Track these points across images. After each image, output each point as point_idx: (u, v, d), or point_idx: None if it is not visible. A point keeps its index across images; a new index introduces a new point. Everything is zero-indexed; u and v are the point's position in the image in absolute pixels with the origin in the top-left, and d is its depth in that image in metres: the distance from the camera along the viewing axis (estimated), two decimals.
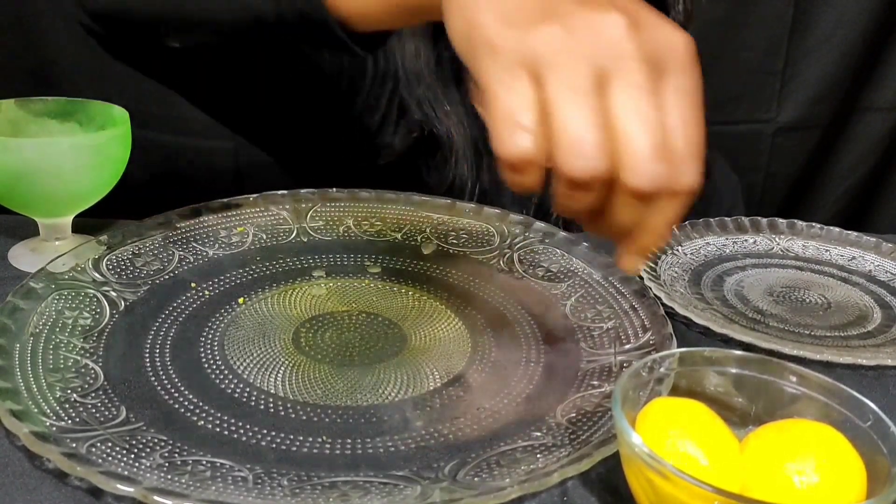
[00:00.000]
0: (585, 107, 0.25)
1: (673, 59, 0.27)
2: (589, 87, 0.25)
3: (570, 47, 0.26)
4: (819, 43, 0.87)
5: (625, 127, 0.26)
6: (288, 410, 0.34)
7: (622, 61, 0.26)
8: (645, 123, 0.26)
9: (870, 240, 0.55)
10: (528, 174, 0.26)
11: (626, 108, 0.26)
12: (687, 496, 0.25)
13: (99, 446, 0.30)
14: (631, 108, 0.26)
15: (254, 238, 0.48)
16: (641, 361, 0.30)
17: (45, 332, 0.37)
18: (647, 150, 0.26)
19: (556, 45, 0.26)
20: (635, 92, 0.26)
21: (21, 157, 0.41)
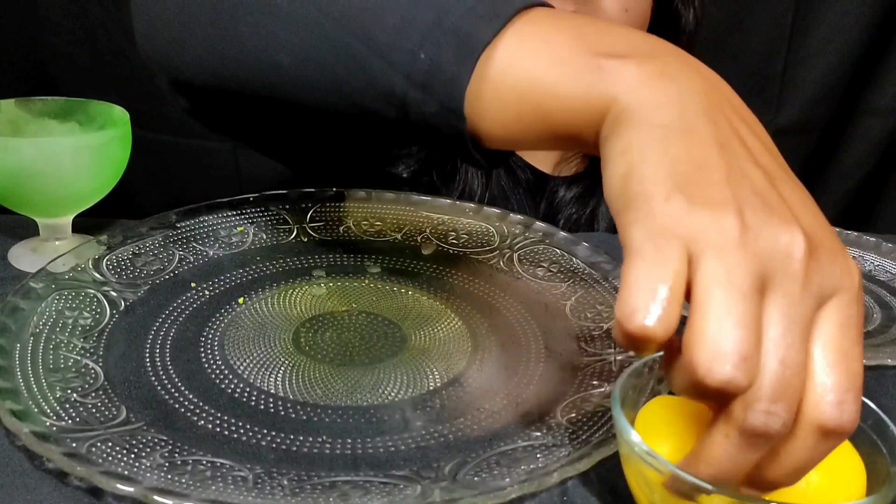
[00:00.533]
0: (741, 308, 0.22)
1: (840, 288, 0.24)
2: (749, 289, 0.22)
3: (741, 244, 0.22)
4: (819, 46, 0.88)
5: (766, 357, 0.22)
6: (288, 410, 0.34)
7: (788, 281, 0.23)
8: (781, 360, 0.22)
9: (870, 240, 0.55)
10: (643, 350, 0.23)
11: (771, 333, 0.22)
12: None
13: (99, 446, 0.30)
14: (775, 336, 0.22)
15: (254, 238, 0.48)
16: (641, 361, 0.30)
17: (45, 332, 0.37)
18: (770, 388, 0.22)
19: (726, 237, 0.22)
20: (786, 321, 0.22)
21: (21, 157, 0.41)
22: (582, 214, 0.65)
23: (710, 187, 0.23)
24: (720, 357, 0.22)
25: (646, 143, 0.25)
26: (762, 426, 0.22)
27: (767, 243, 0.23)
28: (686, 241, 0.23)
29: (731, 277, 0.22)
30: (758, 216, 0.23)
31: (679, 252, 0.23)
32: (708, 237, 0.23)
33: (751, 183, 0.24)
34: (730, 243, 0.22)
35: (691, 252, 0.23)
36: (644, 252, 0.23)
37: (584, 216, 0.65)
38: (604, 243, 0.49)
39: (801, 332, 0.23)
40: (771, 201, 0.24)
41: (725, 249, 0.22)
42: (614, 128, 0.26)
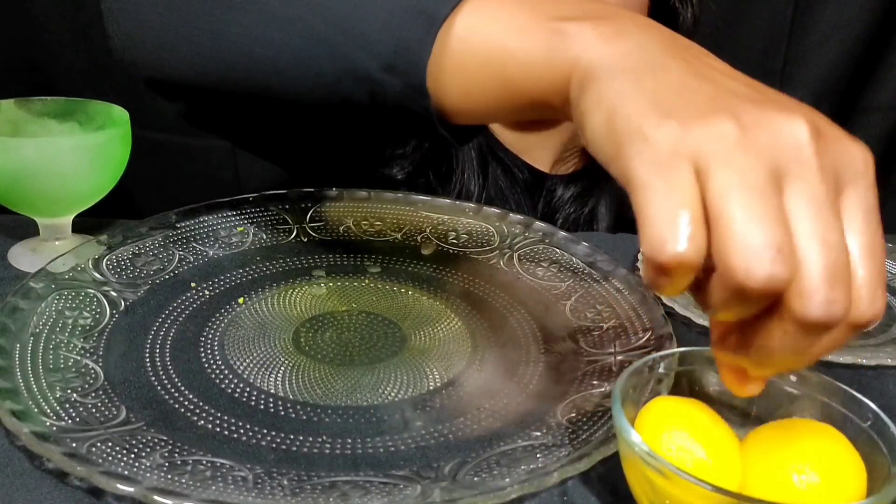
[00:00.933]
0: (762, 204, 0.21)
1: (854, 173, 0.23)
2: (764, 185, 0.22)
3: (744, 144, 0.22)
4: (819, 42, 0.87)
5: (800, 243, 0.22)
6: (288, 410, 0.34)
7: (802, 167, 0.22)
8: (823, 242, 0.22)
9: None
10: (679, 278, 0.22)
11: (803, 220, 0.22)
12: (687, 495, 0.25)
13: (99, 446, 0.30)
14: (808, 221, 0.22)
15: (254, 238, 0.48)
16: (641, 361, 0.30)
17: (45, 332, 0.37)
18: (823, 273, 0.21)
19: (727, 141, 0.22)
20: (814, 205, 0.22)
21: (21, 157, 0.41)
22: (581, 213, 0.65)
23: (696, 106, 0.23)
24: (755, 255, 0.21)
25: (619, 86, 0.25)
26: (825, 315, 0.22)
27: (770, 136, 0.22)
28: (690, 159, 0.22)
29: (743, 178, 0.22)
30: (753, 115, 0.23)
31: (687, 172, 0.22)
32: (710, 148, 0.22)
33: (736, 94, 0.24)
34: (733, 147, 0.22)
35: (698, 168, 0.22)
36: (652, 183, 0.22)
37: (583, 215, 0.65)
38: (604, 243, 0.49)
39: (831, 213, 0.22)
40: (762, 100, 0.24)
41: (730, 154, 0.22)
42: (582, 87, 0.26)
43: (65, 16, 0.81)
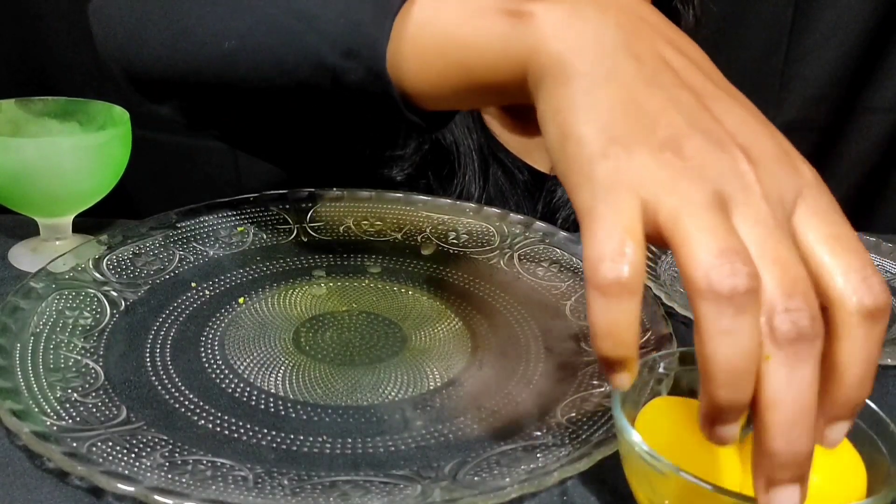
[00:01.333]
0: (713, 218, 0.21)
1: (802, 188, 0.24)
2: (711, 206, 0.22)
3: (687, 173, 0.22)
4: (819, 43, 0.87)
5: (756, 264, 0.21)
6: (288, 410, 0.34)
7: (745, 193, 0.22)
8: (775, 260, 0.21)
9: (869, 239, 0.55)
10: (624, 302, 0.22)
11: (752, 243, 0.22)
12: (687, 495, 0.25)
13: (100, 446, 0.30)
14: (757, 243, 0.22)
15: (254, 238, 0.48)
16: (641, 361, 0.30)
17: (45, 332, 0.37)
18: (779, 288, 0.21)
19: (670, 170, 0.22)
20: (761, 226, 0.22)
21: (21, 157, 0.41)
22: None
23: (643, 128, 0.23)
24: (714, 265, 0.21)
25: (573, 99, 0.25)
26: (791, 326, 0.21)
27: (712, 168, 0.23)
28: (635, 189, 0.23)
29: (690, 201, 0.22)
30: (695, 144, 0.23)
31: (630, 200, 0.22)
32: (655, 178, 0.22)
33: (683, 111, 0.24)
34: (677, 176, 0.22)
35: (644, 199, 0.22)
36: (595, 211, 0.23)
37: None
38: None
39: (780, 233, 0.22)
40: (706, 125, 0.24)
41: (674, 182, 0.22)
42: (540, 84, 0.26)
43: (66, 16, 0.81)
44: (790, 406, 0.21)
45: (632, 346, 0.23)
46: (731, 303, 0.21)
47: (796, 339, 0.21)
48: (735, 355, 0.21)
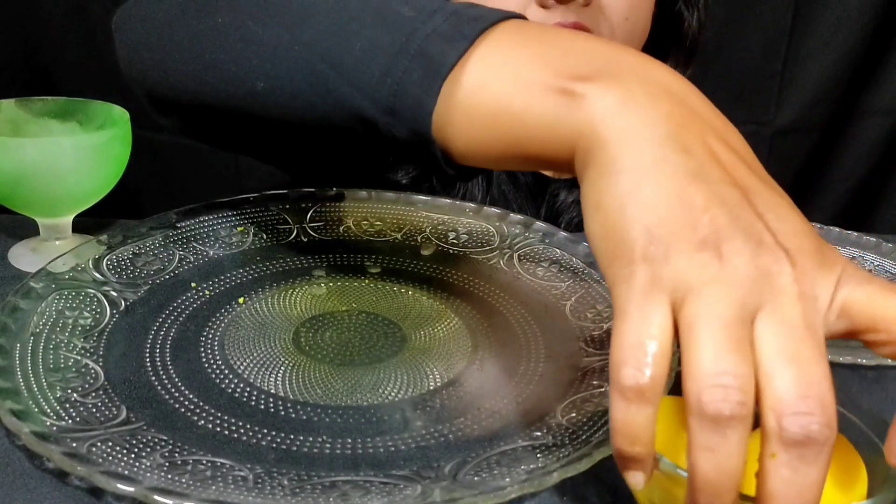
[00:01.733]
0: (724, 334, 0.22)
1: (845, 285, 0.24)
2: (733, 316, 0.22)
3: (720, 277, 0.22)
4: (818, 45, 0.88)
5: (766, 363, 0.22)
6: (288, 410, 0.34)
7: (777, 294, 0.23)
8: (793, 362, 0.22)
9: (870, 240, 0.55)
10: (641, 408, 0.23)
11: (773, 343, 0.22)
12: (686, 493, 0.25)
13: (99, 446, 0.30)
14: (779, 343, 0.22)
15: (254, 238, 0.48)
16: None
17: (45, 332, 0.37)
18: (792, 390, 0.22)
19: (705, 274, 0.23)
20: (786, 327, 0.22)
21: (21, 157, 0.41)
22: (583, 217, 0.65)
23: (685, 226, 0.23)
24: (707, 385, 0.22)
25: (618, 194, 0.25)
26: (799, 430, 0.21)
27: (748, 272, 0.23)
28: (669, 292, 0.23)
29: (711, 311, 0.22)
30: (735, 246, 0.23)
31: (662, 305, 0.23)
32: (688, 281, 0.23)
33: (728, 208, 0.24)
34: (709, 281, 0.23)
35: (675, 301, 0.23)
36: (627, 313, 0.23)
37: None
38: None
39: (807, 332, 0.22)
40: (749, 223, 0.24)
41: (705, 287, 0.23)
42: (586, 169, 0.26)
43: (68, 17, 0.81)
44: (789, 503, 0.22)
45: (647, 445, 0.23)
46: (716, 424, 0.22)
47: (803, 442, 0.21)
48: (713, 470, 0.22)
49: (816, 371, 0.22)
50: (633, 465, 0.24)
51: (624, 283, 0.24)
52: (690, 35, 0.63)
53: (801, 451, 0.22)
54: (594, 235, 0.25)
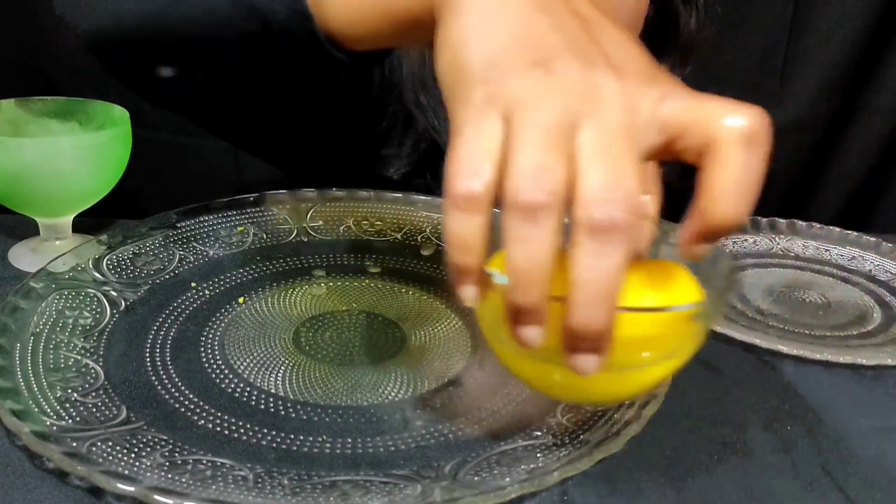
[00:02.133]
0: (544, 136, 0.23)
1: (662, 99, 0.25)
2: (555, 122, 0.24)
3: (547, 89, 0.24)
4: (818, 43, 0.87)
5: (582, 163, 0.24)
6: (288, 410, 0.34)
7: (600, 104, 0.24)
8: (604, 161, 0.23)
9: (870, 240, 0.55)
10: (473, 216, 0.24)
11: (589, 145, 0.24)
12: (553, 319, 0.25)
13: (99, 445, 0.30)
14: (594, 146, 0.24)
15: (254, 238, 0.48)
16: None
17: (45, 332, 0.37)
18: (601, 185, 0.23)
19: (533, 88, 0.24)
20: (604, 132, 0.24)
21: (21, 157, 0.41)
22: None
23: (522, 50, 0.25)
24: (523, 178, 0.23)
25: (464, 27, 0.26)
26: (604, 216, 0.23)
27: (575, 84, 0.24)
28: (502, 108, 0.24)
29: (536, 118, 0.24)
30: (566, 63, 0.25)
31: (495, 120, 0.24)
32: (518, 95, 0.24)
33: (563, 32, 0.25)
34: (538, 93, 0.24)
35: (506, 115, 0.24)
36: (462, 131, 0.25)
37: None
38: None
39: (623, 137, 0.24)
40: (582, 46, 0.25)
41: (533, 98, 0.24)
42: (441, 14, 0.28)
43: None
44: (590, 289, 0.23)
45: (477, 255, 0.25)
46: (529, 214, 0.23)
47: (605, 228, 0.23)
48: (526, 260, 0.23)
49: (625, 169, 0.23)
50: (465, 278, 0.25)
51: (461, 105, 0.25)
52: (687, 34, 0.63)
53: (602, 238, 0.23)
54: (441, 72, 0.27)
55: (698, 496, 0.31)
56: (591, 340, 0.24)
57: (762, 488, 0.32)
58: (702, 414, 0.36)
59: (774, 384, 0.39)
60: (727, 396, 0.38)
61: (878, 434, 0.35)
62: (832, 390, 0.39)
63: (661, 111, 0.25)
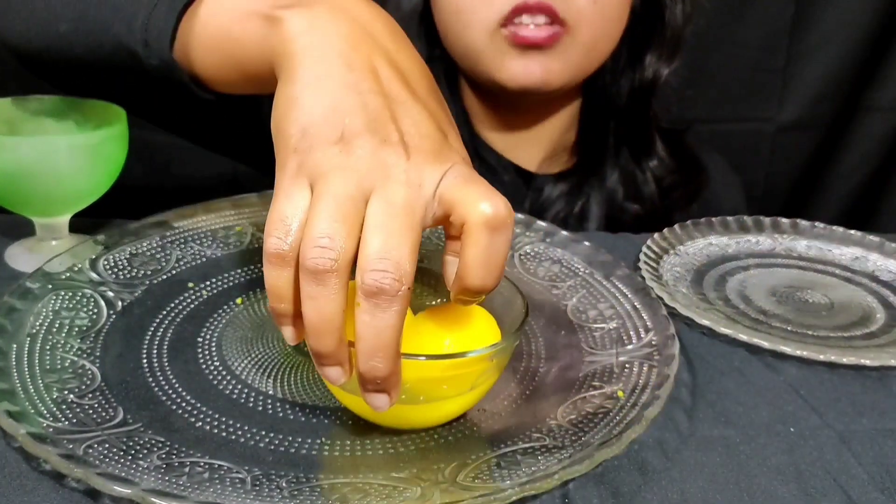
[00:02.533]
0: (335, 207, 0.27)
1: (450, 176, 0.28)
2: (346, 195, 0.27)
3: (344, 165, 0.28)
4: (821, 41, 0.87)
5: (366, 233, 0.27)
6: (287, 412, 0.34)
7: (388, 180, 0.28)
8: (383, 231, 0.27)
9: (873, 239, 0.55)
10: (282, 271, 0.28)
11: (373, 217, 0.27)
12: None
13: (96, 447, 0.30)
14: (378, 218, 0.27)
15: (252, 238, 0.47)
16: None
17: (41, 333, 0.37)
18: (375, 254, 0.26)
19: (331, 162, 0.28)
20: (388, 206, 0.27)
21: (17, 157, 0.41)
22: (570, 212, 0.64)
23: (330, 128, 0.28)
24: (307, 245, 0.27)
25: (289, 97, 0.30)
26: (372, 284, 0.26)
27: (369, 163, 0.28)
28: (308, 177, 0.28)
29: (330, 190, 0.27)
30: (364, 143, 0.28)
31: (303, 188, 0.28)
32: (321, 168, 0.28)
33: (366, 112, 0.29)
34: (336, 169, 0.27)
35: (312, 185, 0.28)
36: (278, 193, 0.28)
37: (572, 214, 0.64)
38: (605, 243, 0.49)
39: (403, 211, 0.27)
40: (382, 127, 0.28)
41: (332, 174, 0.27)
42: (279, 78, 0.31)
43: None
44: (369, 342, 0.27)
45: (289, 302, 0.28)
46: (315, 277, 0.27)
47: (376, 292, 0.26)
48: (315, 315, 0.27)
49: (400, 240, 0.27)
50: (282, 321, 0.29)
51: (280, 170, 0.29)
52: (674, 27, 0.62)
53: (375, 300, 0.27)
54: (272, 129, 0.30)
55: (700, 499, 0.31)
56: (378, 383, 0.28)
57: (765, 491, 0.31)
58: (704, 416, 0.36)
59: (777, 385, 0.39)
60: (729, 398, 0.37)
61: (881, 435, 0.35)
62: (835, 391, 0.38)
63: (440, 187, 0.28)
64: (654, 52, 0.63)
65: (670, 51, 0.63)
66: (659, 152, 0.66)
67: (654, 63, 0.63)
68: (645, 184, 0.65)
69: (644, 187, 0.65)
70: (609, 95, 0.65)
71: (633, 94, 0.64)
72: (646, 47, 0.63)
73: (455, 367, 0.30)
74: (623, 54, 0.63)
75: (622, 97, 0.64)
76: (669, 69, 0.63)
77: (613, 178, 0.65)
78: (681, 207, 0.66)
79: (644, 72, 0.63)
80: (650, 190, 0.65)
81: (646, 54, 0.63)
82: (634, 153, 0.66)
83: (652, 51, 0.63)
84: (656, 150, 0.66)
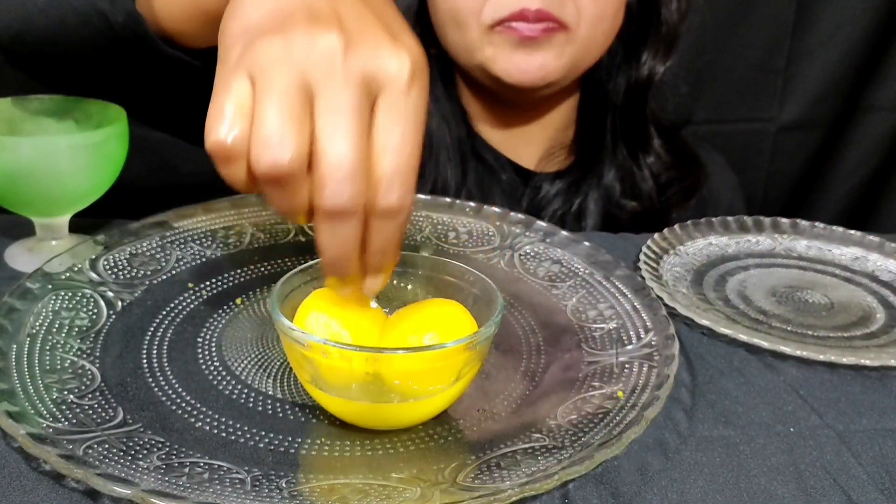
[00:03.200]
0: (284, 105, 0.26)
1: (388, 81, 0.28)
2: (292, 91, 0.27)
3: (283, 57, 0.27)
4: (821, 41, 0.87)
5: (316, 144, 0.26)
6: (286, 412, 0.34)
7: (330, 79, 0.27)
8: (343, 142, 0.26)
9: (873, 239, 0.55)
10: (231, 166, 0.28)
11: (325, 126, 0.27)
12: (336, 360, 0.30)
13: (96, 448, 0.30)
14: (329, 126, 0.26)
15: (252, 238, 0.47)
16: (297, 269, 0.35)
17: (41, 333, 0.37)
18: (339, 169, 0.26)
19: (272, 55, 0.27)
20: (337, 113, 0.27)
21: (17, 156, 0.41)
22: (567, 210, 0.64)
23: (270, 22, 0.28)
24: (264, 143, 0.26)
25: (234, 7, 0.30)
26: (333, 204, 0.26)
27: (306, 50, 0.27)
28: (248, 72, 0.27)
29: (272, 83, 0.27)
30: (300, 30, 0.27)
31: (241, 80, 0.27)
32: (259, 62, 0.27)
33: (312, 12, 0.28)
34: (274, 60, 0.27)
35: (252, 79, 0.27)
36: (216, 90, 0.28)
37: (569, 212, 0.64)
38: (605, 243, 0.49)
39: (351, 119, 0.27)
40: (321, 17, 0.28)
41: (270, 65, 0.27)
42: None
43: None
44: (332, 252, 0.29)
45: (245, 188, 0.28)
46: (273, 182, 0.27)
47: (332, 211, 0.27)
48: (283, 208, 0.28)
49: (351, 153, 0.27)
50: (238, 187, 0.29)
51: (219, 65, 0.29)
52: (670, 24, 0.62)
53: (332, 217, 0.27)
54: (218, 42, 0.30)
55: (700, 499, 0.31)
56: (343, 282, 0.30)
57: (764, 491, 0.31)
58: (704, 416, 0.36)
59: (777, 385, 0.39)
60: (729, 398, 0.37)
61: (880, 435, 0.35)
62: (835, 391, 0.38)
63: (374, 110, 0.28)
64: (651, 48, 0.63)
65: (666, 47, 0.63)
66: (656, 149, 0.66)
67: (650, 60, 0.63)
68: (642, 180, 0.65)
69: (642, 184, 0.65)
70: (606, 92, 0.65)
71: (629, 91, 0.64)
72: (642, 44, 0.63)
73: (436, 358, 0.31)
74: (619, 51, 0.64)
75: (619, 94, 0.64)
76: (665, 66, 0.63)
77: (611, 176, 0.65)
78: (678, 204, 0.66)
79: (640, 68, 0.63)
80: (648, 187, 0.65)
81: (642, 51, 0.63)
82: (631, 150, 0.66)
83: (648, 47, 0.63)
84: (653, 146, 0.66)
